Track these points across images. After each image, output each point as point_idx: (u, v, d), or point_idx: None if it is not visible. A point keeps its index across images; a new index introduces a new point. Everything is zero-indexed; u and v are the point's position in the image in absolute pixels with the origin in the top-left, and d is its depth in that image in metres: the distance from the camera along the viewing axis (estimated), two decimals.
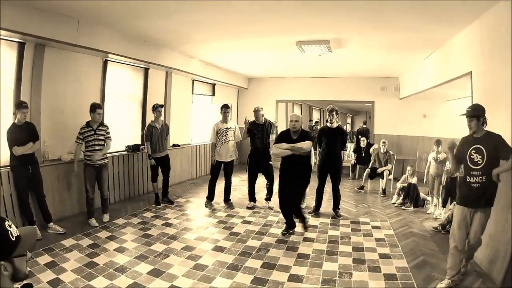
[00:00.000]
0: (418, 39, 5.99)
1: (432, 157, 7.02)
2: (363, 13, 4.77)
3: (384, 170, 8.50)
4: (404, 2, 4.27)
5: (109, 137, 5.79)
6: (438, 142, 6.99)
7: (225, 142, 6.77)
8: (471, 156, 3.75)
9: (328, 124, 6.51)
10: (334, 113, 6.41)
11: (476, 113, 3.69)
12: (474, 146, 3.73)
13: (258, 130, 6.72)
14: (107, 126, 5.80)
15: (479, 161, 3.67)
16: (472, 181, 3.74)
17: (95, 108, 5.52)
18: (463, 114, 3.82)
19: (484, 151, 3.64)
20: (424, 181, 7.55)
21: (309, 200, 7.26)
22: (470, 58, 5.03)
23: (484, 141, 3.67)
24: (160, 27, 5.93)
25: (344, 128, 7.07)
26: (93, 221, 5.55)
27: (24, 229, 1.52)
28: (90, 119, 5.56)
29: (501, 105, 3.99)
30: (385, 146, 8.67)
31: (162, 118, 6.86)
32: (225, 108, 6.86)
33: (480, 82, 4.73)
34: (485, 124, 3.73)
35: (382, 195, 8.30)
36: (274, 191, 6.85)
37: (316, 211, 6.65)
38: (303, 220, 5.58)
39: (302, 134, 5.23)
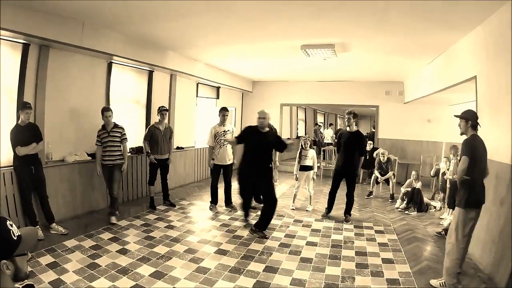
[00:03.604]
0: (422, 43, 5.97)
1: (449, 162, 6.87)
2: (368, 17, 4.77)
3: (386, 178, 8.49)
4: (408, 7, 4.27)
5: (125, 138, 6.00)
6: (455, 148, 6.87)
7: (223, 145, 6.73)
8: None
9: (348, 128, 6.43)
10: (351, 116, 6.30)
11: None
12: None
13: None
14: (123, 128, 6.00)
15: None
16: None
17: (103, 111, 5.74)
18: None
19: None
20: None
21: (317, 204, 7.30)
22: (475, 62, 5.00)
23: None
24: (165, 30, 5.94)
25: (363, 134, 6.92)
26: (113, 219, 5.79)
27: (25, 229, 1.53)
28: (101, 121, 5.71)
29: (506, 109, 3.97)
30: (384, 156, 8.61)
31: (166, 121, 6.86)
32: (223, 111, 6.85)
33: (484, 86, 4.70)
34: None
35: (390, 200, 8.24)
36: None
37: (327, 214, 6.68)
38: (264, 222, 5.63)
39: (271, 133, 5.54)
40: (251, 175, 5.49)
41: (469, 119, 3.78)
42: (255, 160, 5.46)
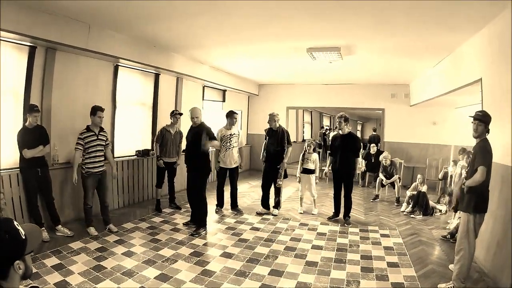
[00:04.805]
0: (427, 45, 5.95)
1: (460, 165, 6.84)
2: (373, 19, 4.76)
3: (392, 181, 8.45)
4: (413, 9, 4.26)
5: (109, 143, 5.59)
6: (464, 151, 6.85)
7: (229, 148, 6.76)
8: None
9: (341, 132, 6.51)
10: (343, 120, 6.43)
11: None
12: None
13: (270, 135, 6.78)
14: (106, 132, 5.60)
15: None
16: None
17: (96, 110, 5.29)
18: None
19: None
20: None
21: (323, 207, 7.28)
22: (480, 64, 4.97)
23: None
24: (170, 31, 5.94)
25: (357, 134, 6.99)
26: (92, 230, 5.31)
27: (26, 227, 1.53)
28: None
29: (507, 111, 3.97)
30: (387, 160, 8.60)
31: (177, 125, 6.90)
32: (230, 114, 6.86)
33: (490, 89, 4.67)
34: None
35: (396, 204, 8.19)
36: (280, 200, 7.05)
37: (334, 217, 6.69)
38: (200, 222, 5.74)
39: (201, 128, 5.77)
40: (188, 166, 5.79)
41: (488, 123, 3.73)
42: (188, 152, 5.78)
